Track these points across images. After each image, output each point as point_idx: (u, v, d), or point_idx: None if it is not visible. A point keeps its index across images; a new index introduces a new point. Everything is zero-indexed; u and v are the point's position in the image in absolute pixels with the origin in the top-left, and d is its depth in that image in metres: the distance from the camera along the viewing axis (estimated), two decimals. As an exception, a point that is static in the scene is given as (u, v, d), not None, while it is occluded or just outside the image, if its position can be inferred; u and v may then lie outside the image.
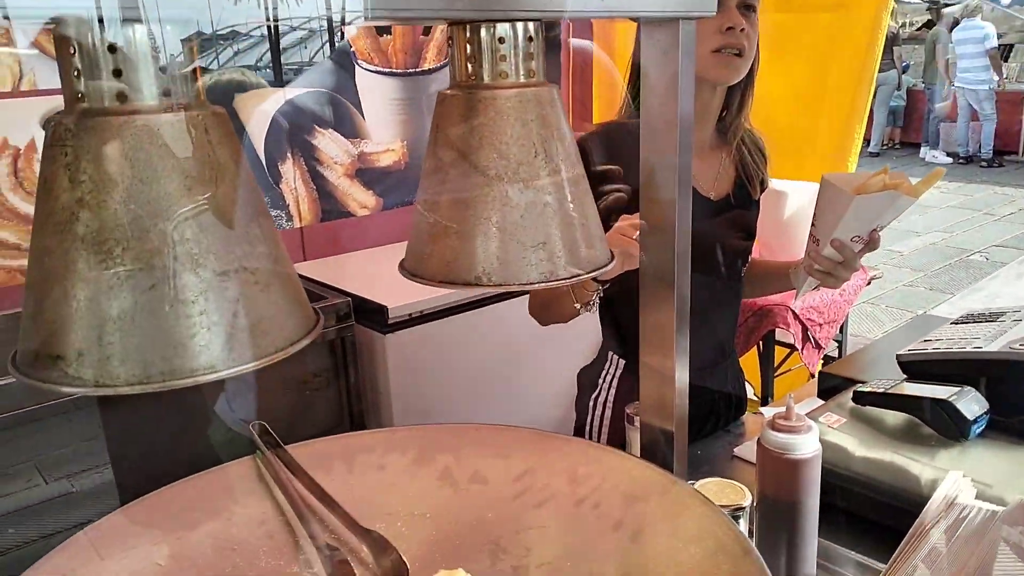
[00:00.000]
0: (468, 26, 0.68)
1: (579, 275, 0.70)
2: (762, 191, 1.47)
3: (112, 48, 0.47)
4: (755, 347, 2.55)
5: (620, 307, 1.40)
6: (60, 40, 0.48)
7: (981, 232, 6.55)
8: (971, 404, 1.16)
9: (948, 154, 9.64)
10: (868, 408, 1.23)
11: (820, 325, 2.39)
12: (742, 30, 1.23)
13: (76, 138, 0.47)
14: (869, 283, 2.62)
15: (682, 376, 0.91)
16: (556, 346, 2.15)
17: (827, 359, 2.81)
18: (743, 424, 1.47)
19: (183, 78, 0.50)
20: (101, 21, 0.47)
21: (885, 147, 10.30)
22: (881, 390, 1.23)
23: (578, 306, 1.24)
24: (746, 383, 1.65)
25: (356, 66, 3.33)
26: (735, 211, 1.40)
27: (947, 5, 9.43)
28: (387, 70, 3.46)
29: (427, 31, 3.53)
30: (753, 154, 1.44)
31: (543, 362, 2.37)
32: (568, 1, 0.67)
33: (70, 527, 2.01)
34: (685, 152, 0.82)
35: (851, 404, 1.25)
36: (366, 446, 0.89)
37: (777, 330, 2.40)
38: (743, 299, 1.55)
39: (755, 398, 2.62)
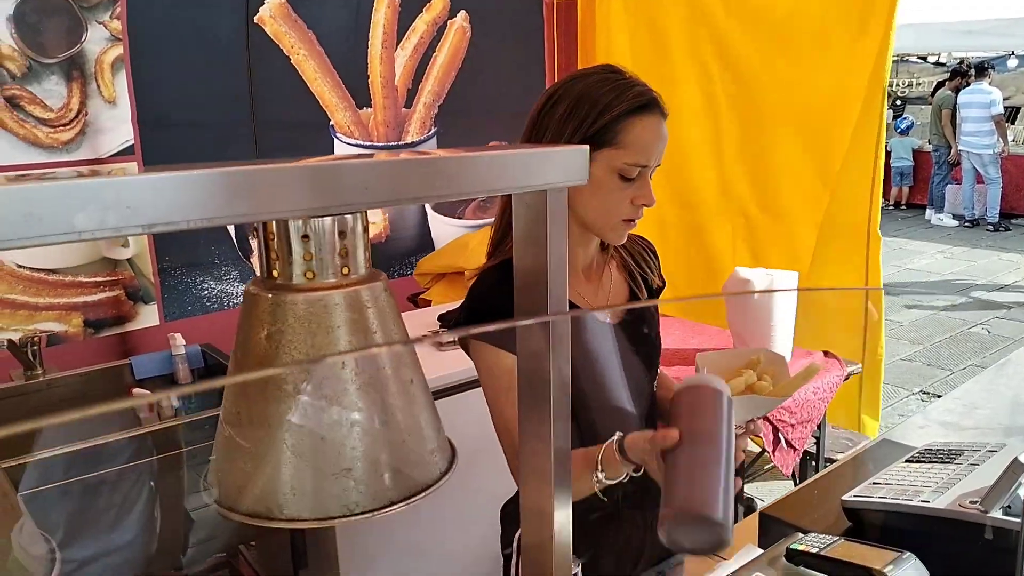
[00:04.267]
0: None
1: (397, 504, 0.61)
2: (657, 294, 1.39)
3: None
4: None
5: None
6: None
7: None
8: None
9: (954, 216, 9.53)
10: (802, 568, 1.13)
11: (792, 426, 2.27)
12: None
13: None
14: (847, 378, 2.51)
15: (563, 519, 0.77)
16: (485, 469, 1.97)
17: (807, 454, 2.69)
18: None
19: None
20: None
21: (890, 207, 10.20)
22: (815, 550, 1.12)
23: (602, 475, 1.10)
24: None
25: (335, 139, 3.30)
26: (632, 327, 1.32)
27: (956, 72, 9.36)
28: (368, 143, 3.41)
29: (409, 103, 3.50)
30: (636, 256, 1.37)
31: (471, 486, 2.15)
32: (412, 187, 0.57)
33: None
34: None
35: (783, 562, 1.15)
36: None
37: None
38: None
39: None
